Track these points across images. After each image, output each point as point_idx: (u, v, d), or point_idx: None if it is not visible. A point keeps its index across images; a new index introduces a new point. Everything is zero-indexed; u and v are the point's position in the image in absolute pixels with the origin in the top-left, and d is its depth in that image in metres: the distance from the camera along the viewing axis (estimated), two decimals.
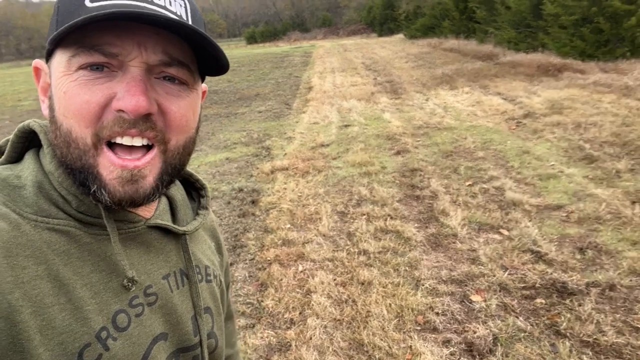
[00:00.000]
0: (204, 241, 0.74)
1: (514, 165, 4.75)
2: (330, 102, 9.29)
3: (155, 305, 0.60)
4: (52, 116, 0.54)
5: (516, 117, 6.60)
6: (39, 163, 0.57)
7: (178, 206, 0.69)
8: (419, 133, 6.31)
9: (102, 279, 0.55)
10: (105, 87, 0.51)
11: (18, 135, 0.59)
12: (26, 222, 0.52)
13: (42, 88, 0.58)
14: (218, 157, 6.04)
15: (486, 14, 16.29)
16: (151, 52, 0.52)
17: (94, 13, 0.47)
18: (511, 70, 10.87)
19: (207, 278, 0.70)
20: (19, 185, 0.55)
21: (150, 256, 0.62)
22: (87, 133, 0.52)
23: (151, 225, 0.62)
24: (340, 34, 48.99)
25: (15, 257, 0.49)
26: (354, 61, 17.76)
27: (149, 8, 0.51)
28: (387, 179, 4.68)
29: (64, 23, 0.51)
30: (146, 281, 0.60)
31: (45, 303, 0.50)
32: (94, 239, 0.56)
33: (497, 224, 3.53)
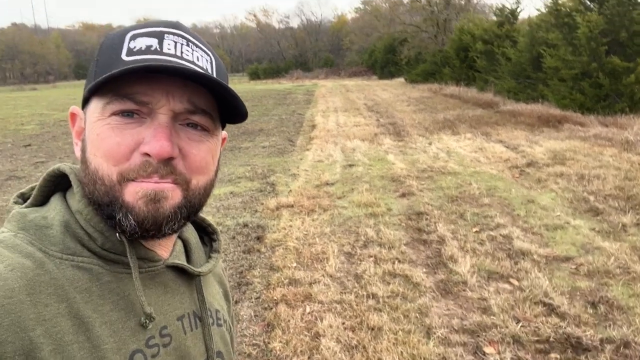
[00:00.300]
0: (213, 286, 0.76)
1: (520, 213, 4.76)
2: (334, 141, 9.38)
3: (170, 347, 0.61)
4: (84, 156, 0.59)
5: (519, 166, 6.67)
6: (65, 204, 0.60)
7: (192, 249, 0.72)
8: (424, 176, 6.35)
9: (121, 317, 0.57)
10: (135, 132, 0.56)
11: (46, 179, 0.63)
12: (50, 260, 0.55)
13: (77, 132, 0.63)
14: (222, 190, 6.03)
15: (486, 64, 16.77)
16: (178, 101, 0.57)
17: (131, 66, 0.53)
18: (512, 119, 11.07)
19: (217, 322, 0.72)
20: (46, 225, 0.58)
21: (167, 297, 0.63)
22: (114, 171, 0.56)
23: (169, 265, 0.64)
24: (342, 74, 50.10)
25: (38, 294, 0.51)
26: (356, 102, 18.08)
27: (179, 63, 0.57)
28: (394, 221, 4.66)
29: (102, 74, 0.56)
30: (162, 322, 0.61)
31: (65, 341, 0.51)
32: (114, 278, 0.58)
33: (506, 273, 3.49)
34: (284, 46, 67.35)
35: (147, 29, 0.59)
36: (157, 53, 0.57)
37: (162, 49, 0.58)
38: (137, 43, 0.58)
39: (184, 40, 0.60)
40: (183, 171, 0.58)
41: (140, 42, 0.58)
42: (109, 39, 0.60)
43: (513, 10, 17.76)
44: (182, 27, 0.61)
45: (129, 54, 0.57)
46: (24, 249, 0.54)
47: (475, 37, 18.41)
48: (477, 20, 20.25)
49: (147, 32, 0.58)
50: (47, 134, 11.98)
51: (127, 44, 0.58)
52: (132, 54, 0.57)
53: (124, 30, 0.60)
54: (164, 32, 0.59)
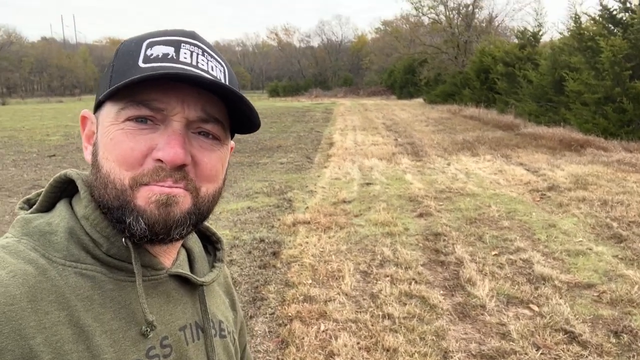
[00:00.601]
0: (218, 296, 0.75)
1: (540, 238, 4.67)
2: (351, 159, 9.39)
3: (170, 358, 0.60)
4: (95, 160, 0.59)
5: (540, 189, 6.57)
6: (71, 210, 0.60)
7: (196, 258, 0.71)
8: (442, 197, 6.29)
9: (122, 326, 0.56)
10: (148, 138, 0.56)
11: (53, 185, 0.62)
12: (53, 267, 0.54)
13: (87, 136, 0.63)
14: (240, 205, 6.06)
15: (507, 86, 16.69)
16: (192, 109, 0.58)
17: (149, 73, 0.53)
18: (533, 142, 10.95)
19: (221, 333, 0.70)
20: (50, 231, 0.57)
21: (169, 306, 0.63)
22: (126, 176, 0.56)
23: (172, 274, 0.64)
24: (361, 93, 50.38)
25: (39, 301, 0.51)
26: (374, 121, 18.12)
27: (193, 71, 0.58)
28: (411, 242, 4.62)
29: (118, 79, 0.57)
30: (163, 332, 0.60)
31: (65, 350, 0.51)
32: (117, 286, 0.58)
33: (526, 299, 3.41)
34: (304, 65, 68.19)
35: (164, 37, 0.60)
36: (173, 61, 0.58)
37: (178, 58, 0.58)
38: (154, 50, 0.58)
39: (200, 50, 0.61)
40: (194, 178, 0.58)
41: (157, 49, 0.58)
42: (125, 45, 0.60)
43: (535, 33, 17.73)
44: (198, 37, 0.62)
45: (145, 61, 0.57)
46: (27, 255, 0.54)
47: (496, 59, 18.39)
48: (499, 43, 20.25)
49: (164, 41, 0.59)
50: (71, 145, 12.26)
51: (144, 51, 0.58)
52: (148, 61, 0.57)
53: (141, 37, 0.60)
54: (180, 41, 0.60)
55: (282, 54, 72.75)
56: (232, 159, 8.89)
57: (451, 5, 30.88)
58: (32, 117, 22.74)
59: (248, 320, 3.17)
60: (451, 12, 31.07)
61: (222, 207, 5.97)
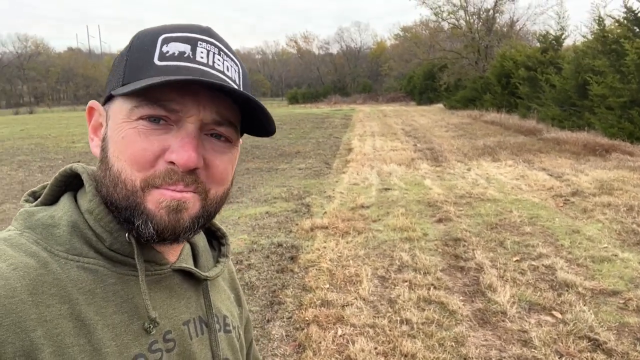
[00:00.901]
0: (223, 291, 0.74)
1: (564, 244, 4.56)
2: (370, 164, 9.35)
3: (174, 352, 0.60)
4: (105, 156, 0.58)
5: (564, 195, 6.42)
6: (75, 204, 0.60)
7: (200, 252, 0.71)
8: (462, 202, 6.21)
9: (124, 320, 0.56)
10: (161, 139, 0.55)
11: (58, 179, 0.62)
12: (55, 261, 0.54)
13: (94, 127, 0.62)
14: (258, 210, 6.09)
15: (529, 90, 16.44)
16: (208, 112, 0.57)
17: (171, 78, 0.52)
18: (556, 147, 10.74)
19: (225, 328, 0.70)
20: (53, 224, 0.57)
21: (172, 301, 0.62)
22: (137, 177, 0.55)
23: (175, 269, 0.63)
24: (380, 100, 50.31)
25: (40, 294, 0.51)
26: (393, 127, 18.04)
27: (211, 73, 0.57)
28: (429, 247, 4.56)
29: (133, 76, 0.56)
30: (166, 326, 0.60)
31: (66, 343, 0.50)
32: (119, 280, 0.57)
33: (549, 305, 3.33)
34: (323, 71, 68.46)
35: (180, 33, 0.58)
36: (189, 60, 0.56)
37: (195, 57, 0.57)
38: (170, 48, 0.57)
39: (216, 49, 0.59)
40: (204, 181, 0.58)
41: (173, 47, 0.57)
42: (139, 40, 0.59)
43: (557, 36, 17.44)
44: (214, 34, 0.61)
45: (161, 59, 0.56)
46: (29, 248, 0.53)
47: (517, 63, 18.13)
48: (520, 47, 19.98)
49: (180, 37, 0.57)
50: None
51: (159, 48, 0.57)
52: (164, 59, 0.56)
53: (156, 31, 0.58)
54: (197, 38, 0.58)
55: (302, 61, 73.22)
56: (251, 164, 9.02)
57: (471, 10, 30.68)
58: (59, 125, 23.35)
59: (265, 324, 3.17)
60: (471, 17, 30.85)
61: (241, 212, 6.01)
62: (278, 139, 14.72)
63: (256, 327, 3.15)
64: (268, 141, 14.00)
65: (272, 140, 14.33)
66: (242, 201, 6.61)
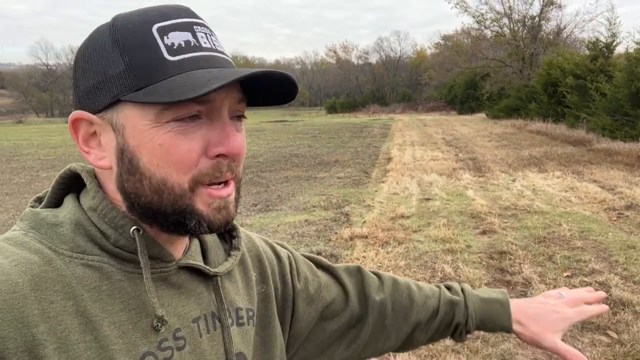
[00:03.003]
0: (235, 282, 0.71)
1: (618, 260, 4.30)
2: (410, 174, 9.22)
3: (185, 351, 0.58)
4: (134, 167, 0.55)
5: (617, 208, 6.09)
6: (77, 203, 0.59)
7: (209, 247, 0.69)
8: (507, 214, 6.00)
9: (131, 318, 0.55)
10: (199, 136, 0.54)
11: (59, 181, 0.61)
12: (59, 258, 0.53)
13: (84, 139, 0.58)
14: (297, 218, 6.10)
15: (578, 99, 15.81)
16: (232, 96, 0.56)
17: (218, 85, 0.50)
18: (607, 158, 10.24)
19: (238, 321, 0.68)
20: (56, 223, 0.56)
21: (181, 298, 0.61)
22: (185, 179, 0.54)
23: (182, 265, 0.61)
24: (419, 109, 49.76)
25: (43, 290, 0.50)
26: (434, 136, 17.76)
27: (219, 57, 0.56)
28: (473, 259, 4.42)
29: (149, 78, 0.52)
30: (175, 324, 0.59)
31: (71, 340, 0.49)
32: (125, 277, 0.56)
33: (603, 324, 3.14)
34: (362, 81, 68.50)
35: (172, 20, 0.55)
36: (198, 49, 0.55)
37: (200, 44, 0.55)
38: (172, 39, 0.54)
39: (207, 29, 0.58)
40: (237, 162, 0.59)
41: (174, 37, 0.54)
42: (127, 35, 0.54)
43: (608, 43, 16.72)
44: (194, 12, 0.58)
45: (171, 53, 0.53)
46: (32, 246, 0.53)
47: (565, 71, 17.48)
48: (568, 54, 19.26)
49: (176, 25, 0.55)
50: None
51: (160, 41, 0.53)
52: (174, 52, 0.53)
53: (141, 22, 0.54)
54: (191, 23, 0.56)
55: (340, 71, 73.55)
56: (290, 172, 9.09)
57: (516, 17, 29.92)
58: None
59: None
60: (516, 25, 30.08)
61: (280, 219, 6.04)
62: (317, 147, 14.79)
63: None
64: (307, 150, 14.09)
65: (311, 149, 14.41)
66: (281, 209, 6.65)
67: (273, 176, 9.55)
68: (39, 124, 42.41)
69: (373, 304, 0.85)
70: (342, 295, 0.84)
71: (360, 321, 0.84)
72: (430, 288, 0.90)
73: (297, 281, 0.80)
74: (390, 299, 0.86)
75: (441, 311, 0.87)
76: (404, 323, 0.86)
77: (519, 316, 0.86)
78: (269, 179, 9.27)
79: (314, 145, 15.56)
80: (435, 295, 0.88)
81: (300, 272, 0.82)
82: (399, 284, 0.89)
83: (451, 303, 0.88)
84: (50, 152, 15.22)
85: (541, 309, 0.87)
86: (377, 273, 0.90)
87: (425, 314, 0.87)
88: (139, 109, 0.53)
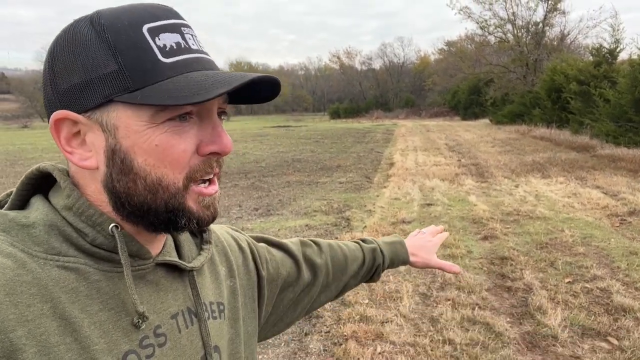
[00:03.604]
0: (206, 276, 0.72)
1: (620, 266, 4.27)
2: (412, 179, 9.20)
3: (166, 347, 0.59)
4: (127, 167, 0.54)
5: (620, 214, 6.05)
6: (48, 203, 0.57)
7: (182, 243, 0.69)
8: (509, 220, 5.97)
9: (111, 317, 0.54)
10: (192, 135, 0.55)
11: (25, 182, 0.59)
12: (34, 261, 0.51)
13: (67, 139, 0.56)
14: (298, 222, 6.09)
15: (582, 105, 15.77)
16: (221, 97, 0.58)
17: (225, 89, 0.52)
18: (611, 164, 10.19)
19: (212, 315, 0.69)
20: (27, 224, 0.54)
21: (159, 294, 0.61)
22: (180, 178, 0.56)
23: (159, 262, 0.62)
24: (423, 114, 49.74)
25: (19, 294, 0.48)
26: (436, 142, 17.73)
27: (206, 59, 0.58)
28: (474, 265, 4.39)
29: (144, 80, 0.52)
30: (155, 321, 0.59)
31: (51, 342, 0.49)
32: (103, 276, 0.55)
33: (604, 331, 3.11)
34: (365, 86, 68.60)
35: (161, 22, 0.55)
36: (188, 51, 0.55)
37: (189, 45, 0.56)
38: (164, 40, 0.54)
39: (192, 30, 0.58)
40: None
41: (165, 38, 0.54)
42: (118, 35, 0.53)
43: (612, 50, 16.68)
44: (178, 12, 0.58)
45: (165, 55, 0.53)
46: (4, 250, 0.51)
47: (569, 77, 17.44)
48: (572, 60, 19.23)
49: (165, 26, 0.55)
50: None
51: (152, 42, 0.53)
52: (167, 54, 0.54)
53: (130, 21, 0.54)
54: (179, 24, 0.56)
55: (344, 76, 73.71)
56: (292, 177, 9.08)
57: (519, 23, 29.92)
58: None
59: (303, 338, 3.13)
60: (519, 31, 30.07)
61: (281, 224, 6.03)
62: (319, 152, 14.79)
63: (294, 340, 3.12)
64: (309, 155, 14.09)
65: (314, 154, 14.42)
66: (282, 213, 6.64)
67: (275, 181, 9.55)
68: (43, 129, 42.64)
69: (319, 267, 0.96)
70: (294, 266, 0.92)
71: (310, 285, 0.95)
72: (353, 244, 1.08)
73: (261, 268, 0.83)
74: (330, 259, 0.99)
75: (367, 259, 1.06)
76: (342, 276, 1.02)
77: (412, 250, 1.12)
78: (270, 183, 9.27)
79: (317, 150, 15.57)
80: (359, 249, 1.06)
81: (262, 257, 0.85)
82: (332, 246, 1.03)
83: (372, 251, 1.07)
84: (55, 157, 15.29)
85: (420, 241, 1.15)
86: (314, 240, 1.02)
87: (356, 265, 1.04)
88: (133, 110, 0.53)
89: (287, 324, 0.93)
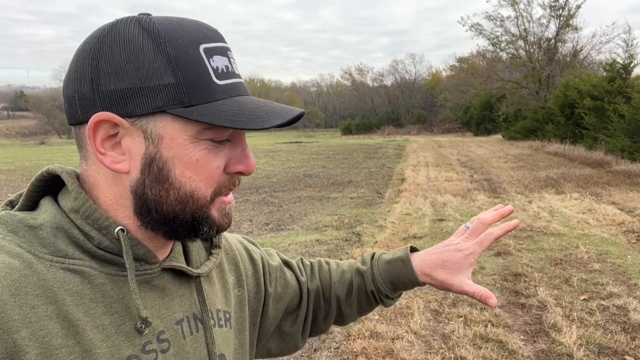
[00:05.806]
0: (214, 282, 0.72)
1: (637, 283, 4.17)
2: (423, 194, 9.14)
3: (169, 353, 0.59)
4: (163, 177, 0.56)
5: (636, 231, 5.93)
6: (57, 205, 0.58)
7: (190, 247, 0.69)
8: (522, 236, 5.88)
9: (115, 321, 0.54)
10: (223, 154, 0.59)
11: (35, 184, 0.59)
12: (40, 262, 0.52)
13: (102, 139, 0.55)
14: (308, 237, 6.07)
15: (596, 121, 15.62)
16: None
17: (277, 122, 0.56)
18: (627, 180, 10.03)
19: (219, 322, 0.69)
20: (35, 225, 0.55)
21: (165, 300, 0.61)
22: (209, 192, 0.58)
23: (165, 267, 0.62)
24: (435, 130, 49.60)
25: (24, 295, 0.49)
26: (448, 157, 17.65)
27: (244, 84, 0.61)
28: (487, 281, 4.32)
29: (197, 98, 0.54)
30: (159, 326, 0.59)
31: (53, 344, 0.49)
32: (108, 280, 0.56)
33: (621, 349, 3.02)
34: (377, 103, 68.80)
35: (214, 43, 0.58)
36: (233, 75, 0.59)
37: (234, 70, 0.59)
38: (217, 63, 0.57)
39: (232, 53, 0.61)
40: None
41: (218, 61, 0.57)
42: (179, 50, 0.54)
43: (626, 65, 16.56)
44: (224, 37, 0.61)
45: (218, 77, 0.56)
46: (11, 250, 0.51)
47: (582, 93, 17.32)
48: (585, 76, 19.12)
49: (217, 49, 0.58)
50: None
51: (208, 63, 0.56)
52: (220, 77, 0.56)
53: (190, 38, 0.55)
54: (226, 48, 0.59)
55: (356, 93, 74.06)
56: (303, 192, 9.09)
57: (531, 39, 29.87)
58: None
59: (312, 354, 3.10)
60: (532, 47, 30.00)
61: (291, 239, 6.02)
62: (331, 168, 14.80)
63: (303, 355, 3.08)
64: (321, 170, 14.11)
65: (325, 169, 14.43)
66: (293, 228, 6.63)
67: (286, 196, 9.57)
68: (60, 145, 43.43)
69: (311, 290, 0.91)
70: (298, 290, 0.89)
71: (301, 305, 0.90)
72: (348, 264, 0.94)
73: (269, 285, 0.83)
74: (320, 281, 0.92)
75: (354, 283, 0.89)
76: (328, 300, 0.91)
77: (424, 268, 0.85)
78: (281, 198, 9.28)
79: (328, 165, 15.58)
80: (350, 270, 0.92)
81: (272, 274, 0.85)
82: (322, 267, 0.94)
83: (359, 273, 0.90)
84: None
85: (444, 253, 0.86)
86: (310, 260, 0.97)
87: (342, 289, 0.90)
88: (180, 124, 0.55)
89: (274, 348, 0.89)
